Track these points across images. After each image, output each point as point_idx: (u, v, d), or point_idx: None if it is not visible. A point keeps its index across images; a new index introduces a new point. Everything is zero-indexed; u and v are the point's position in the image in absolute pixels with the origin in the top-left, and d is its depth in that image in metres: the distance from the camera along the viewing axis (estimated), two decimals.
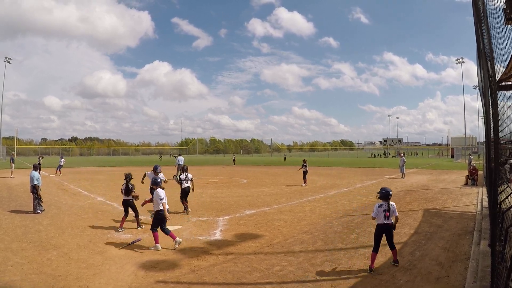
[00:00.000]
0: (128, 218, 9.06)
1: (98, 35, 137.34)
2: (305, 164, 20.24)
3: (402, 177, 23.12)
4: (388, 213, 6.10)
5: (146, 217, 10.31)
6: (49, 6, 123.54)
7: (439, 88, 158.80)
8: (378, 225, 6.22)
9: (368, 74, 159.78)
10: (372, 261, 5.98)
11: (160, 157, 62.84)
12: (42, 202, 11.18)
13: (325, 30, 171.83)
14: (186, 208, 11.19)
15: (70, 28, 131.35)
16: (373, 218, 6.32)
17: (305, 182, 19.83)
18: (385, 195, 6.22)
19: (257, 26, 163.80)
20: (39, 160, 26.22)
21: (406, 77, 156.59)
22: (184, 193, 11.26)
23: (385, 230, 6.13)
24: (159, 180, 7.60)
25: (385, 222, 6.11)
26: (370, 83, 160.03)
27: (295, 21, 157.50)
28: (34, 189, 11.00)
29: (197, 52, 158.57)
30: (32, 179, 11.15)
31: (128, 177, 9.08)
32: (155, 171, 9.94)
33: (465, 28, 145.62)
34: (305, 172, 20.14)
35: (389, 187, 6.42)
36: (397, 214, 6.21)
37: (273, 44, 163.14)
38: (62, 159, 26.98)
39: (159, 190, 7.31)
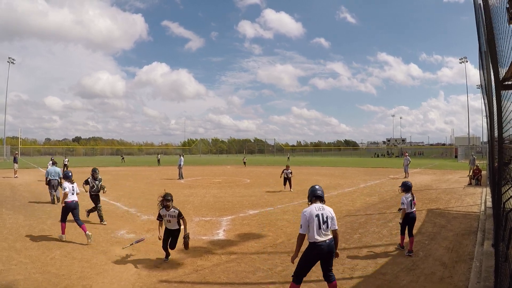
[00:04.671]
0: (128, 221, 9.07)
1: (94, 37, 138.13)
2: (286, 169, 17.16)
3: (405, 177, 23.05)
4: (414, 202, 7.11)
5: (149, 217, 10.36)
6: (44, 10, 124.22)
7: (436, 87, 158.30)
8: (407, 213, 6.92)
9: (363, 74, 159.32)
10: (402, 240, 7.07)
11: (122, 158, 54.79)
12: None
13: (316, 30, 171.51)
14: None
15: (68, 30, 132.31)
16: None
17: (290, 186, 16.91)
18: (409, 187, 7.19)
19: (247, 28, 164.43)
20: (66, 161, 27.67)
21: (402, 76, 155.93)
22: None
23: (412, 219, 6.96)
24: (70, 174, 8.44)
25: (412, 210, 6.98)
26: (367, 83, 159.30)
27: (284, 22, 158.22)
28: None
29: (194, 53, 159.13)
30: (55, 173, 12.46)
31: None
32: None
33: (457, 28, 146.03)
34: (289, 179, 16.98)
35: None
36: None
37: (265, 45, 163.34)
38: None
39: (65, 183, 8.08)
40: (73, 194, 8.07)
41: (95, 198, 9.96)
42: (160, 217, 6.46)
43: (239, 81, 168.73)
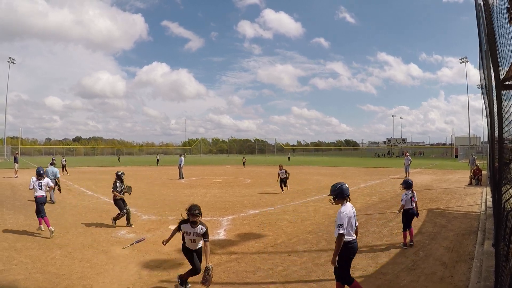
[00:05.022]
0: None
1: (94, 38, 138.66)
2: (282, 170, 16.31)
3: (406, 177, 23.03)
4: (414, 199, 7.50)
5: (149, 217, 10.38)
6: (44, 10, 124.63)
7: (436, 87, 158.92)
8: (406, 209, 7.41)
9: (363, 74, 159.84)
10: (405, 238, 7.35)
11: (119, 158, 51.98)
12: None
13: (316, 30, 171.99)
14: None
15: (68, 31, 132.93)
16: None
17: (286, 187, 16.35)
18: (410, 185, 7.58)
19: (246, 28, 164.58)
20: (63, 161, 27.83)
21: (402, 76, 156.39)
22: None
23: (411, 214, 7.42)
24: (42, 171, 8.74)
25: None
26: (367, 83, 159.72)
27: (284, 22, 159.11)
28: None
29: (194, 53, 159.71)
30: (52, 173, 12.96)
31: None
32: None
33: (457, 28, 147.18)
34: (284, 180, 16.25)
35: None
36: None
37: (265, 45, 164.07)
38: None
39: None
40: (40, 189, 8.50)
41: (120, 202, 9.29)
42: (179, 229, 5.18)
43: (240, 81, 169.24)
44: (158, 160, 43.00)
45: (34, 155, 69.99)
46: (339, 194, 4.59)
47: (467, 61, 61.07)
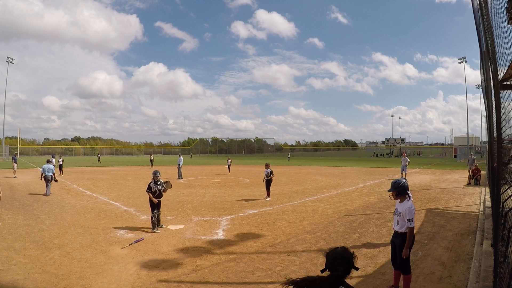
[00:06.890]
0: (128, 221, 9.03)
1: (91, 38, 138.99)
2: (268, 169, 14.31)
3: (402, 177, 23.04)
4: None
5: (148, 217, 10.37)
6: (40, 11, 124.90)
7: (432, 87, 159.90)
8: None
9: (359, 74, 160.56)
10: None
11: (99, 158, 49.01)
12: None
13: (309, 30, 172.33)
14: None
15: (64, 31, 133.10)
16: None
17: (268, 193, 14.29)
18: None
19: (240, 28, 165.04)
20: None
21: (397, 76, 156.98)
22: None
23: None
24: None
25: None
26: (363, 83, 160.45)
27: (277, 22, 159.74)
28: None
29: (190, 54, 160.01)
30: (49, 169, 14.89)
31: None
32: None
33: (452, 28, 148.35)
34: (268, 182, 14.27)
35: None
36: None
37: (258, 46, 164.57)
38: (53, 160, 25.60)
39: None
40: None
41: (155, 204, 8.85)
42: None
43: (239, 81, 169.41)
44: (151, 161, 39.52)
45: (33, 155, 69.89)
46: (402, 191, 4.84)
47: (466, 61, 61.26)
